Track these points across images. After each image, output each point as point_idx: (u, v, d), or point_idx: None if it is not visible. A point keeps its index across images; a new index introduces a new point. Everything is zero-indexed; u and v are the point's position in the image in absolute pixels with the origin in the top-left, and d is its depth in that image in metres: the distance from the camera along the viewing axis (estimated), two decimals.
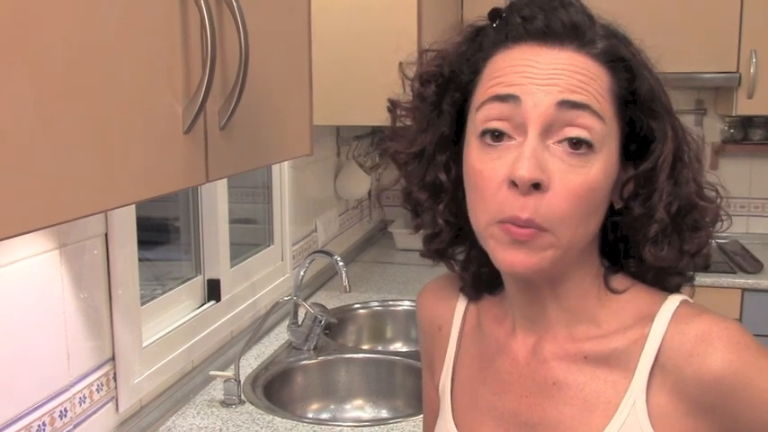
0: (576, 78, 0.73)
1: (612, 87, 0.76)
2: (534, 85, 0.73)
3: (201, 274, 1.92)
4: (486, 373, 0.88)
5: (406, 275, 2.76)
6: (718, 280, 2.73)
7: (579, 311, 0.82)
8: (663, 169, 0.78)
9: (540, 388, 0.83)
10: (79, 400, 1.32)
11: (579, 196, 0.73)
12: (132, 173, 0.78)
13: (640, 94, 0.77)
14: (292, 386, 1.92)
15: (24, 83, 0.63)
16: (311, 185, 2.58)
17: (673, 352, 0.76)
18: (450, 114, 0.82)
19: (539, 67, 0.74)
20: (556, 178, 0.72)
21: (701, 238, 0.81)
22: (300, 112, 1.27)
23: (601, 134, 0.74)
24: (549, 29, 0.75)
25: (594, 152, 0.73)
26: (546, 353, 0.83)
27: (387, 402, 1.97)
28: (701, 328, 0.75)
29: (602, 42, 0.76)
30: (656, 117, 0.78)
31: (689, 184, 0.79)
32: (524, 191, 0.71)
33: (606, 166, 0.75)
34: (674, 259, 0.80)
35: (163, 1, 0.83)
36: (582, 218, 0.74)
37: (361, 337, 2.36)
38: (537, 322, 0.84)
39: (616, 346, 0.79)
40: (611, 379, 0.79)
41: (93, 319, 1.36)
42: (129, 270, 1.45)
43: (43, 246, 1.21)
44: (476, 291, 0.92)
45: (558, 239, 0.73)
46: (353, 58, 2.13)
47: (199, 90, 0.86)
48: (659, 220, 0.78)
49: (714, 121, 3.33)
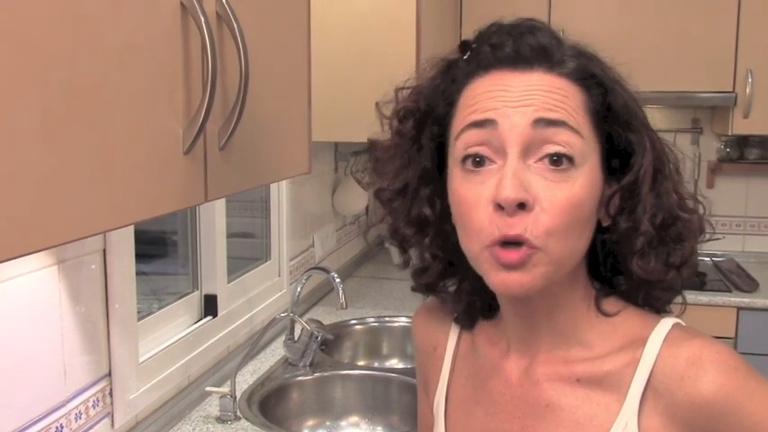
0: (549, 97, 0.75)
1: (587, 104, 0.77)
2: (509, 108, 0.74)
3: (198, 290, 1.92)
4: (480, 393, 0.88)
5: (402, 291, 2.76)
6: (714, 298, 2.74)
7: (570, 333, 0.83)
8: (644, 181, 0.79)
9: (533, 410, 0.83)
10: (75, 416, 1.32)
11: (566, 211, 0.73)
12: (132, 194, 0.79)
13: (615, 108, 0.78)
14: (288, 402, 1.91)
15: (28, 106, 0.63)
16: (309, 201, 2.58)
17: (664, 375, 0.77)
18: (430, 148, 0.83)
19: (512, 90, 0.75)
20: (541, 196, 0.73)
21: (684, 249, 0.82)
22: (299, 131, 1.28)
23: (581, 149, 0.75)
24: (518, 54, 0.77)
25: (576, 167, 0.75)
26: (539, 374, 0.84)
27: (382, 419, 1.97)
28: (693, 352, 0.76)
29: (572, 61, 0.78)
30: (633, 130, 0.79)
31: (670, 196, 0.80)
32: (510, 212, 0.72)
33: (590, 181, 0.76)
34: (661, 272, 0.81)
35: (165, 23, 0.84)
36: (571, 233, 0.75)
37: (357, 353, 2.36)
38: (530, 344, 0.85)
39: (608, 369, 0.80)
40: (603, 401, 0.80)
41: (91, 335, 1.36)
42: (127, 285, 1.46)
43: (42, 261, 1.21)
44: (469, 320, 0.92)
45: (548, 255, 0.74)
46: (352, 76, 2.14)
47: (199, 111, 0.87)
48: (644, 232, 0.79)
49: (710, 139, 3.35)
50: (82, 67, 0.70)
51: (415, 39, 2.15)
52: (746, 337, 2.75)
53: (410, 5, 2.15)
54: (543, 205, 0.73)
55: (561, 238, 0.74)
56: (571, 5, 3.01)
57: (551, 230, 0.73)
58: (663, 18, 2.96)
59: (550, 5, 3.02)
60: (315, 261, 2.62)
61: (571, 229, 0.75)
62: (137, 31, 0.79)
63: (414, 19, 2.16)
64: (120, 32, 0.76)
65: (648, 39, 2.93)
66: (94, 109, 0.72)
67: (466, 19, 3.04)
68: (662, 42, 2.94)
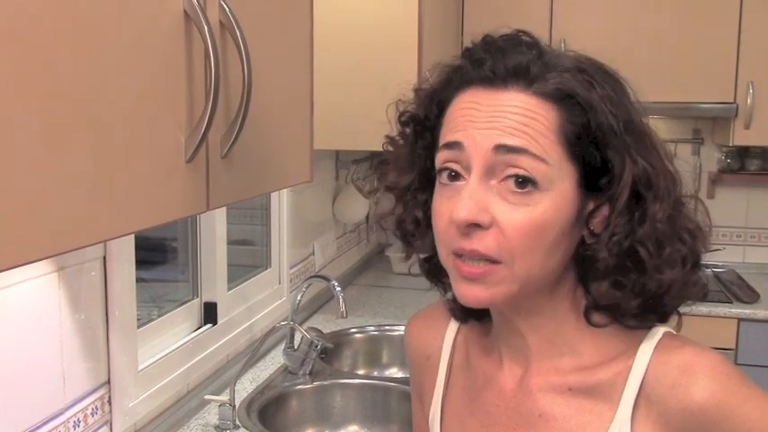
0: (514, 120, 0.74)
1: (562, 125, 0.75)
2: (475, 129, 0.75)
3: (198, 297, 1.92)
4: (475, 404, 0.89)
5: (402, 299, 2.76)
6: (714, 309, 2.74)
7: (559, 342, 0.83)
8: (617, 204, 0.77)
9: (527, 420, 0.84)
10: (74, 424, 1.32)
11: (525, 233, 0.74)
12: (134, 202, 0.79)
13: (593, 128, 0.76)
14: (287, 411, 1.91)
15: (30, 113, 0.63)
16: (309, 209, 2.58)
17: (656, 383, 0.77)
18: (423, 156, 0.85)
19: (481, 110, 0.76)
20: (499, 218, 0.74)
21: (659, 279, 0.78)
22: (301, 140, 1.28)
23: (545, 174, 0.74)
24: (494, 73, 0.77)
25: (540, 190, 0.74)
26: (532, 385, 0.84)
27: (381, 428, 1.96)
28: (684, 359, 0.76)
29: (550, 80, 0.76)
30: (612, 150, 0.76)
31: (652, 223, 0.77)
32: (463, 231, 0.74)
33: (557, 204, 0.75)
34: (622, 297, 0.78)
35: (168, 31, 0.84)
36: (535, 253, 0.75)
37: (356, 361, 2.36)
38: (521, 353, 0.85)
39: (600, 378, 0.80)
40: (596, 410, 0.80)
41: (90, 342, 1.36)
42: (127, 292, 1.46)
43: (42, 269, 1.21)
44: (463, 314, 0.93)
45: (512, 273, 0.75)
46: (354, 85, 2.15)
47: (202, 120, 0.87)
48: (602, 258, 0.77)
49: (711, 150, 3.35)
50: (84, 75, 0.70)
51: (417, 51, 2.15)
52: (747, 349, 2.74)
53: (412, 18, 2.15)
54: (501, 226, 0.74)
55: (526, 257, 0.75)
56: (573, 17, 3.02)
57: (511, 249, 0.74)
58: (664, 29, 2.96)
59: (552, 18, 3.03)
60: (315, 269, 2.62)
61: (535, 249, 0.75)
62: (140, 39, 0.79)
63: (416, 32, 2.16)
64: (123, 40, 0.76)
65: (650, 49, 2.94)
66: (96, 117, 0.72)
67: (468, 32, 3.05)
68: (663, 53, 2.95)
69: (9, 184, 0.61)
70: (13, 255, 0.62)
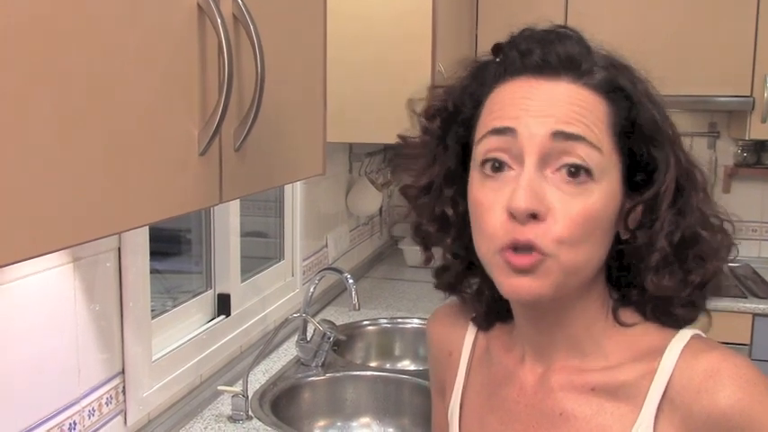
0: (571, 109, 0.74)
1: (611, 117, 0.76)
2: (530, 117, 0.74)
3: (212, 288, 1.93)
4: (494, 401, 0.88)
5: (415, 292, 2.76)
6: (729, 305, 2.72)
7: (585, 341, 0.82)
8: (665, 198, 0.78)
9: (548, 419, 0.83)
10: (88, 413, 1.33)
11: (578, 224, 0.73)
12: (147, 195, 0.79)
13: (640, 123, 0.77)
14: (300, 403, 1.92)
15: (45, 107, 0.64)
16: (323, 201, 2.59)
17: (681, 387, 0.76)
18: (455, 149, 0.84)
19: (535, 99, 0.75)
20: (555, 207, 0.73)
21: (705, 269, 0.80)
22: (314, 132, 1.28)
23: (599, 164, 0.74)
24: (545, 62, 0.76)
25: (594, 180, 0.74)
26: (553, 383, 0.83)
27: (394, 421, 1.97)
28: (711, 364, 0.75)
29: (600, 73, 0.77)
30: (657, 146, 0.78)
31: (693, 214, 0.79)
32: (522, 221, 0.72)
33: (607, 196, 0.75)
34: (676, 289, 0.80)
35: (181, 24, 0.84)
36: (584, 244, 0.74)
37: (369, 354, 2.36)
38: (545, 351, 0.84)
39: (624, 379, 0.79)
40: (618, 412, 0.79)
41: (105, 333, 1.37)
42: (141, 284, 1.47)
43: (57, 260, 1.22)
44: (488, 321, 0.92)
45: (559, 264, 0.74)
46: (367, 78, 2.15)
47: (215, 113, 0.87)
48: (660, 248, 0.78)
49: (727, 144, 3.33)
50: (98, 69, 0.70)
51: (431, 43, 2.14)
52: (762, 344, 2.72)
53: (426, 10, 2.15)
54: (556, 216, 0.73)
55: (573, 248, 0.74)
56: (588, 9, 2.99)
57: (562, 240, 0.73)
58: (680, 21, 2.94)
59: (567, 10, 3.01)
60: (328, 261, 2.63)
61: (584, 240, 0.74)
62: (153, 33, 0.79)
63: (430, 24, 2.16)
64: (137, 34, 0.76)
65: (666, 42, 2.91)
66: (110, 110, 0.72)
67: (482, 25, 3.03)
68: (679, 46, 2.93)
69: (24, 176, 0.62)
70: (28, 246, 0.63)
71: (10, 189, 0.61)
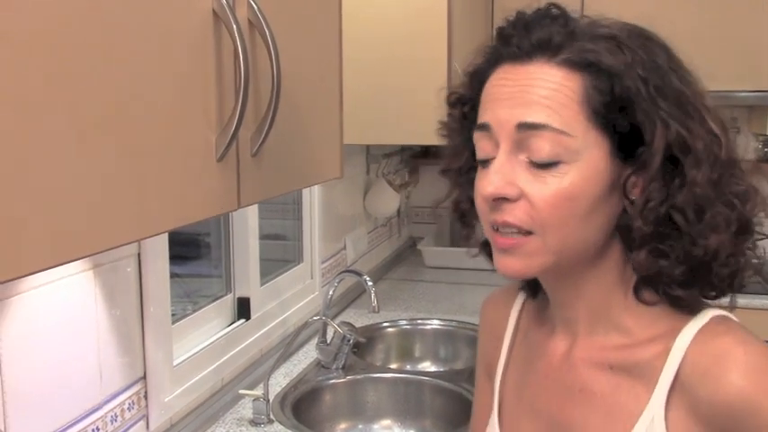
0: (536, 94, 0.75)
1: (587, 94, 0.74)
2: (500, 108, 0.77)
3: (232, 293, 1.93)
4: (529, 375, 0.90)
5: (435, 293, 2.75)
6: (752, 301, 2.69)
7: (605, 317, 0.82)
8: (649, 170, 0.75)
9: (569, 392, 0.84)
10: (111, 419, 1.34)
11: (554, 205, 0.74)
12: (166, 202, 0.79)
13: (616, 95, 0.74)
14: (320, 405, 1.92)
15: (61, 114, 0.64)
16: (341, 203, 2.59)
17: (691, 370, 0.75)
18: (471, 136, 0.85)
19: (507, 86, 0.77)
20: (527, 190, 0.75)
21: (704, 246, 0.75)
22: (331, 136, 1.28)
23: (569, 147, 0.74)
24: (520, 48, 0.78)
25: (567, 163, 0.74)
26: (576, 358, 0.85)
27: (415, 423, 1.96)
28: (722, 348, 0.74)
29: (573, 49, 0.76)
30: (640, 116, 0.74)
31: (693, 188, 0.74)
32: (493, 205, 0.76)
33: (586, 175, 0.75)
34: (659, 267, 0.76)
35: (197, 30, 0.84)
36: (567, 224, 0.75)
37: (389, 356, 2.36)
38: (571, 325, 0.86)
39: (641, 358, 0.79)
40: (633, 391, 0.79)
41: (126, 338, 1.38)
42: (161, 289, 1.47)
43: (78, 267, 1.23)
44: (531, 289, 0.95)
45: (544, 244, 0.76)
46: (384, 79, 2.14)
47: (232, 118, 0.87)
48: (636, 227, 0.76)
49: (748, 139, 3.29)
50: (114, 75, 0.70)
51: (447, 41, 2.13)
52: None
53: (441, 7, 2.13)
54: (532, 200, 0.75)
55: (556, 229, 0.75)
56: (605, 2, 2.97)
57: (541, 222, 0.75)
58: (698, 16, 2.91)
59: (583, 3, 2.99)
60: (347, 263, 2.63)
61: (566, 221, 0.75)
62: (169, 39, 0.79)
63: (445, 21, 2.14)
64: (153, 40, 0.76)
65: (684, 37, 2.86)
66: (127, 117, 0.73)
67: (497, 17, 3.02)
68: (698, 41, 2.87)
69: (42, 185, 0.62)
70: (49, 255, 0.63)
71: (31, 198, 0.61)
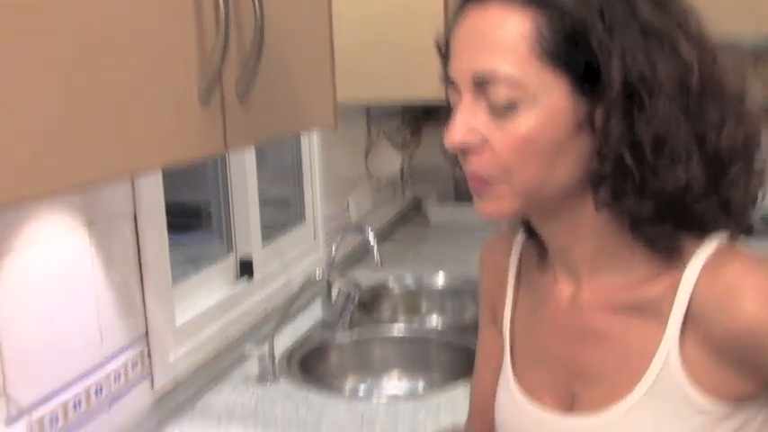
0: (486, 41, 0.74)
1: (538, 33, 0.72)
2: (458, 60, 0.77)
3: (234, 253, 1.93)
4: (537, 321, 0.90)
5: (440, 253, 2.74)
6: None
7: (604, 257, 0.81)
8: (605, 106, 0.72)
9: (580, 336, 0.84)
10: (114, 378, 1.34)
11: (515, 149, 0.74)
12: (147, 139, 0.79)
13: (568, 30, 0.71)
14: (327, 363, 1.92)
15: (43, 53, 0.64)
16: (342, 164, 2.57)
17: (702, 302, 0.74)
18: None
19: (464, 35, 0.77)
20: (489, 136, 0.75)
21: (672, 179, 0.72)
22: (322, 83, 1.26)
23: (524, 92, 0.72)
24: None
25: (524, 107, 0.73)
26: (583, 302, 0.84)
27: (423, 375, 1.96)
28: (732, 278, 0.73)
29: None
30: (595, 51, 0.71)
31: (652, 120, 0.71)
32: (461, 155, 0.77)
33: (546, 118, 0.73)
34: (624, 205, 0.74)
35: None
36: (531, 168, 0.75)
37: (396, 312, 2.36)
38: (571, 269, 0.85)
39: (649, 296, 0.78)
40: (644, 329, 0.78)
41: (125, 298, 1.37)
42: (159, 248, 1.46)
43: (70, 223, 1.22)
44: (527, 227, 0.92)
45: (511, 188, 0.76)
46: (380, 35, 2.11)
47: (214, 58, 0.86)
48: (593, 168, 0.74)
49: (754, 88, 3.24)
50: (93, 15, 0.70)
51: None
52: None
53: None
54: (493, 146, 0.75)
55: (520, 172, 0.75)
56: None
57: (504, 167, 0.75)
58: None
59: None
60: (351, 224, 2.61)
61: (528, 164, 0.74)
62: None
63: None
64: None
65: None
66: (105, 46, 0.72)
67: None
68: None
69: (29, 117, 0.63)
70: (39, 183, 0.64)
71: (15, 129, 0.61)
